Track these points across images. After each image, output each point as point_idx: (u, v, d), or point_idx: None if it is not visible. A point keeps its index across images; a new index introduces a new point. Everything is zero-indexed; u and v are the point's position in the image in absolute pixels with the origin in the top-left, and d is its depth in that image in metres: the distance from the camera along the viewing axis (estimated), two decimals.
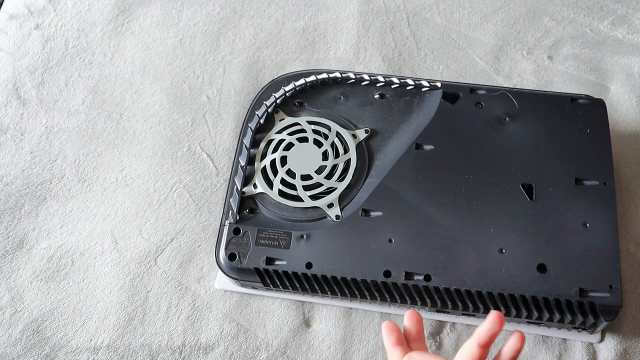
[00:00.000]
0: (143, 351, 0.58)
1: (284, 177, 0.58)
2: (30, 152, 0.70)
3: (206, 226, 0.64)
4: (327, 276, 0.53)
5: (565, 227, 0.54)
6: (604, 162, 0.57)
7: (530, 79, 0.74)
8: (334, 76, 0.63)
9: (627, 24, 0.78)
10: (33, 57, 0.77)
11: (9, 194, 0.67)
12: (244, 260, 0.55)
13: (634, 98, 0.71)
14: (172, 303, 0.60)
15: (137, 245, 0.64)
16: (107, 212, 0.66)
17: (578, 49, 0.76)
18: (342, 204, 0.57)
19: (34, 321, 0.60)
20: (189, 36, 0.78)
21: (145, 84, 0.75)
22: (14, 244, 0.64)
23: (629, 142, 0.68)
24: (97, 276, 0.62)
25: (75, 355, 0.58)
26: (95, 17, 0.80)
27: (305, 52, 0.77)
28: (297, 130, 0.61)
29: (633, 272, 0.60)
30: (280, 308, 0.60)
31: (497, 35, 0.78)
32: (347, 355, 0.58)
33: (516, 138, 0.59)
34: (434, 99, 0.62)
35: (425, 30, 0.78)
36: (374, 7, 0.80)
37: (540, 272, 0.52)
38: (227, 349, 0.58)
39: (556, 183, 0.56)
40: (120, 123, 0.72)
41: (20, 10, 0.81)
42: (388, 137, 0.60)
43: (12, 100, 0.74)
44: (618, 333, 0.57)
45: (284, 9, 0.81)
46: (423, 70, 0.75)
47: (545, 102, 0.61)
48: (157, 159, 0.69)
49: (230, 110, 0.72)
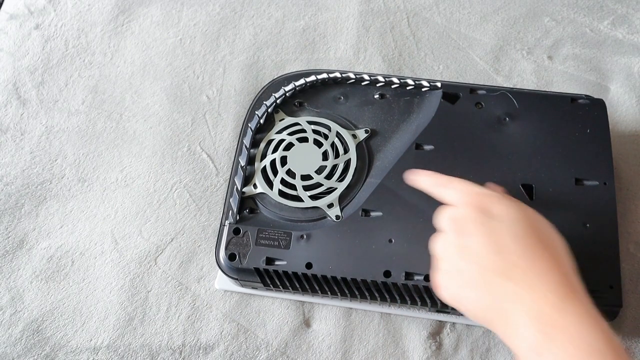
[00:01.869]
0: (143, 351, 0.58)
1: (284, 177, 0.58)
2: (30, 152, 0.70)
3: (206, 226, 0.64)
4: (327, 276, 0.53)
5: (566, 227, 0.54)
6: (604, 162, 0.57)
7: (530, 79, 0.74)
8: (334, 76, 0.63)
9: (627, 24, 0.78)
10: (33, 57, 0.77)
11: (9, 194, 0.67)
12: (244, 260, 0.55)
13: (634, 98, 0.71)
14: (172, 303, 0.60)
15: (137, 245, 0.64)
16: (107, 212, 0.66)
17: (578, 49, 0.76)
18: (342, 204, 0.57)
19: (34, 321, 0.60)
20: (189, 36, 0.78)
21: (145, 84, 0.75)
22: (14, 244, 0.64)
23: (629, 142, 0.68)
24: (97, 276, 0.62)
25: (75, 355, 0.58)
26: (95, 17, 0.80)
27: (305, 52, 0.77)
28: (297, 130, 0.61)
29: (633, 272, 0.60)
30: (280, 308, 0.60)
31: (497, 35, 0.78)
32: (347, 355, 0.58)
33: (516, 138, 0.59)
34: (434, 99, 0.62)
35: (425, 30, 0.78)
36: (374, 7, 0.80)
37: None
38: (227, 348, 0.58)
39: (556, 183, 0.56)
40: (120, 123, 0.72)
41: (20, 10, 0.81)
42: (388, 137, 0.60)
43: (12, 100, 0.74)
44: (618, 333, 0.57)
45: (284, 9, 0.81)
46: (423, 70, 0.75)
47: (545, 102, 0.61)
48: (157, 159, 0.69)
49: (230, 110, 0.72)
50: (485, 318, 0.41)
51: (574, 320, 0.36)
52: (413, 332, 0.58)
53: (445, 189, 0.46)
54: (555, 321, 0.37)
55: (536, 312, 0.37)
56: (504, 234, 0.41)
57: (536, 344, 0.36)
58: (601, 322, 0.37)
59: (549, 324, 0.37)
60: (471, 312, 0.42)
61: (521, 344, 0.38)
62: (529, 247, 0.40)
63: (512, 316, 0.38)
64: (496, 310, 0.39)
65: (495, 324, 0.40)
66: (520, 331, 0.38)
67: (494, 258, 0.40)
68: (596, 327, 0.36)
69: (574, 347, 0.35)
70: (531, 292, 0.38)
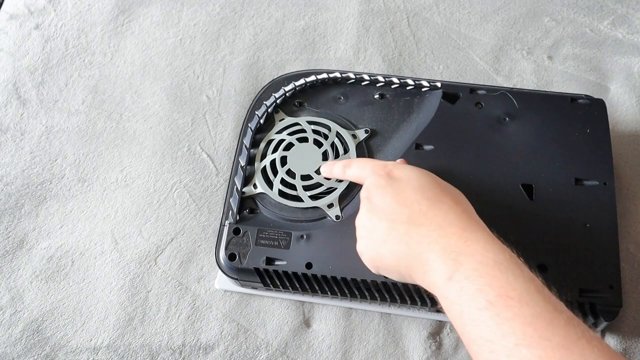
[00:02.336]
0: (143, 351, 0.58)
1: (284, 177, 0.58)
2: (30, 152, 0.70)
3: (206, 226, 0.64)
4: (327, 276, 0.53)
5: (566, 227, 0.54)
6: (604, 162, 0.57)
7: (530, 79, 0.74)
8: (334, 76, 0.63)
9: (627, 24, 0.78)
10: (33, 57, 0.77)
11: (9, 194, 0.67)
12: (244, 260, 0.55)
13: (634, 98, 0.71)
14: (172, 303, 0.60)
15: (137, 245, 0.64)
16: (107, 212, 0.66)
17: (578, 49, 0.76)
18: (342, 204, 0.57)
19: (34, 321, 0.60)
20: (189, 36, 0.78)
21: (145, 84, 0.75)
22: (14, 244, 0.64)
23: (629, 142, 0.68)
24: (97, 276, 0.62)
25: (75, 355, 0.58)
26: (95, 17, 0.80)
27: (305, 52, 0.77)
28: (297, 130, 0.61)
29: (633, 272, 0.60)
30: (280, 308, 0.60)
31: (497, 35, 0.78)
32: (347, 355, 0.58)
33: (516, 138, 0.59)
34: (434, 99, 0.62)
35: (425, 30, 0.78)
36: (374, 7, 0.80)
37: (540, 273, 0.52)
38: (227, 348, 0.58)
39: (556, 183, 0.56)
40: (120, 123, 0.72)
41: (20, 10, 0.81)
42: (388, 137, 0.60)
43: (12, 100, 0.74)
44: (618, 333, 0.57)
45: (284, 9, 0.81)
46: (423, 70, 0.75)
47: (545, 102, 0.61)
48: (157, 159, 0.69)
49: (230, 110, 0.72)
50: (405, 268, 0.44)
51: (477, 245, 0.40)
52: (413, 332, 0.58)
53: (349, 169, 0.52)
54: (460, 248, 0.40)
55: (443, 245, 0.41)
56: (407, 189, 0.45)
57: (448, 273, 0.39)
58: (502, 245, 0.41)
59: (455, 251, 0.40)
60: (391, 268, 0.45)
61: (436, 278, 0.41)
62: (430, 195, 0.45)
63: (425, 256, 0.41)
64: (411, 257, 0.43)
65: (412, 271, 0.43)
66: (433, 267, 0.41)
67: (400, 210, 0.44)
68: (498, 248, 0.40)
69: (479, 263, 0.39)
70: (438, 230, 0.42)
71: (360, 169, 0.51)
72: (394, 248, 0.44)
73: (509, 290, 0.37)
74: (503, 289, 0.37)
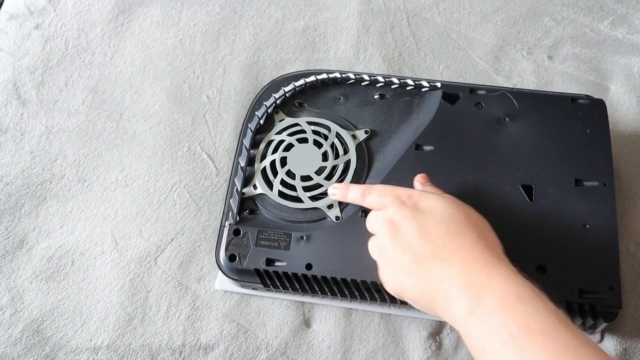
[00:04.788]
0: (143, 351, 0.58)
1: (284, 178, 0.58)
2: (30, 152, 0.70)
3: (206, 226, 0.64)
4: (327, 277, 0.53)
5: (565, 227, 0.54)
6: (604, 162, 0.57)
7: (530, 79, 0.74)
8: (333, 76, 0.63)
9: (627, 24, 0.78)
10: (33, 57, 0.77)
11: (9, 194, 0.67)
12: (244, 261, 0.55)
13: (634, 98, 0.71)
14: (172, 303, 0.60)
15: (137, 245, 0.64)
16: (107, 212, 0.66)
17: (578, 49, 0.76)
18: (342, 205, 0.57)
19: (34, 321, 0.60)
20: (189, 36, 0.78)
21: (145, 84, 0.75)
22: (14, 244, 0.64)
23: (629, 142, 0.68)
24: (97, 276, 0.62)
25: (75, 355, 0.58)
26: (95, 17, 0.80)
27: (305, 52, 0.77)
28: (297, 131, 0.61)
29: (633, 273, 0.60)
30: (280, 308, 0.60)
31: (497, 35, 0.78)
32: (347, 355, 0.58)
33: (516, 138, 0.59)
34: (433, 99, 0.62)
35: (425, 30, 0.78)
36: (374, 7, 0.80)
37: (539, 273, 0.52)
38: (227, 349, 0.58)
39: (556, 184, 0.56)
40: (120, 123, 0.72)
41: (20, 10, 0.81)
42: (388, 137, 0.60)
43: (12, 100, 0.74)
44: (618, 333, 0.57)
45: (284, 9, 0.80)
46: (423, 70, 0.75)
47: (545, 102, 0.61)
48: (157, 159, 0.69)
49: (230, 110, 0.72)
50: (427, 301, 0.44)
51: (499, 280, 0.40)
52: (413, 332, 0.58)
53: (370, 196, 0.51)
54: (481, 283, 0.40)
55: (465, 280, 0.41)
56: (431, 222, 0.45)
57: (469, 308, 0.39)
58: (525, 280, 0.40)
59: (476, 286, 0.40)
60: (414, 299, 0.45)
61: (458, 313, 0.40)
62: (454, 229, 0.44)
63: (447, 292, 0.41)
64: (434, 291, 0.43)
65: (435, 305, 0.43)
66: (455, 302, 0.40)
67: (424, 244, 0.44)
68: (521, 282, 0.39)
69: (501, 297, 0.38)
70: (460, 266, 0.42)
71: (381, 197, 0.50)
72: (417, 282, 0.44)
73: (532, 323, 0.36)
74: (526, 323, 0.36)
